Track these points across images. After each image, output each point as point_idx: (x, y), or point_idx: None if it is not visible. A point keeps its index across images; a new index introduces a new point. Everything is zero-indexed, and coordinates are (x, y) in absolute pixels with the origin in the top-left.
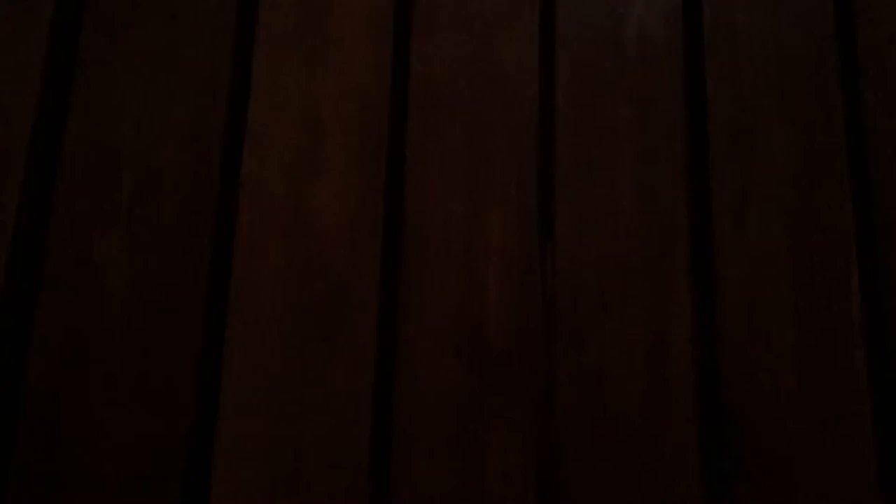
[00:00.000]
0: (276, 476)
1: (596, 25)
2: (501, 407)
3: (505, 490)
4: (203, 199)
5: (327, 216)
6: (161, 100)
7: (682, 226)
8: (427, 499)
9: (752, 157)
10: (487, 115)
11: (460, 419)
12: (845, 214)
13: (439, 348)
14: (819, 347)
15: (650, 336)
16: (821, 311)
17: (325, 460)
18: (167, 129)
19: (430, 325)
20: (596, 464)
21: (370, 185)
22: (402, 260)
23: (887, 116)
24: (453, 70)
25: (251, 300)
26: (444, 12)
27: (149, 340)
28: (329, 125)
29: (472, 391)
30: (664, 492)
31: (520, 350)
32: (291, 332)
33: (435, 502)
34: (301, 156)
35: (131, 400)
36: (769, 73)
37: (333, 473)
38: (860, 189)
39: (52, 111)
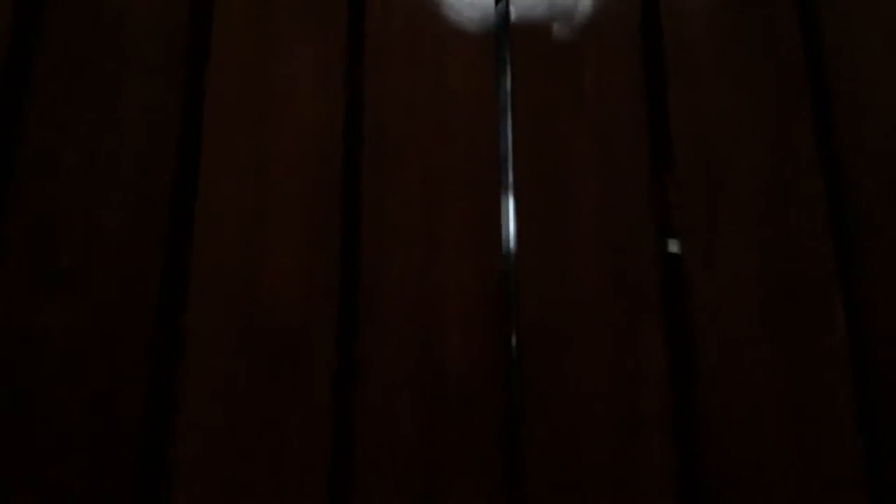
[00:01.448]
0: None
1: (552, 62)
2: (463, 450)
3: None
4: (150, 259)
5: (280, 274)
6: (106, 159)
7: (650, 262)
8: None
9: (719, 185)
10: (442, 157)
11: (423, 466)
12: (823, 238)
13: (400, 399)
14: (800, 381)
15: (620, 375)
16: (801, 340)
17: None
18: (113, 188)
19: (390, 376)
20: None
21: (324, 237)
22: (359, 310)
23: (856, 136)
24: (407, 113)
25: (203, 361)
26: (395, 55)
27: (92, 407)
28: (281, 179)
29: (434, 437)
30: None
31: (483, 396)
32: (246, 390)
33: None
34: (253, 212)
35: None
36: (734, 95)
37: None
38: (836, 213)
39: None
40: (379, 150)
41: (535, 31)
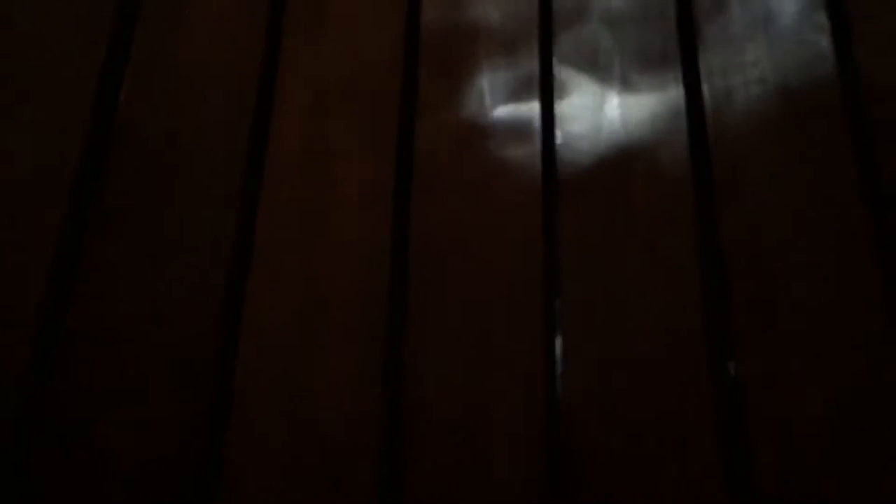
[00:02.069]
0: None
1: (600, 186)
2: None
3: None
4: (201, 379)
5: (327, 397)
6: (162, 280)
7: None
8: None
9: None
10: (491, 279)
11: None
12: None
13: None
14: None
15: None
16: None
17: None
18: (168, 307)
19: (434, 486)
20: None
21: (370, 359)
22: (404, 423)
23: None
24: (452, 238)
25: (248, 484)
26: (443, 178)
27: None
28: (327, 300)
29: None
30: None
31: None
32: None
33: None
34: (299, 334)
35: None
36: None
37: None
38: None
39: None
40: (425, 275)
41: (582, 156)
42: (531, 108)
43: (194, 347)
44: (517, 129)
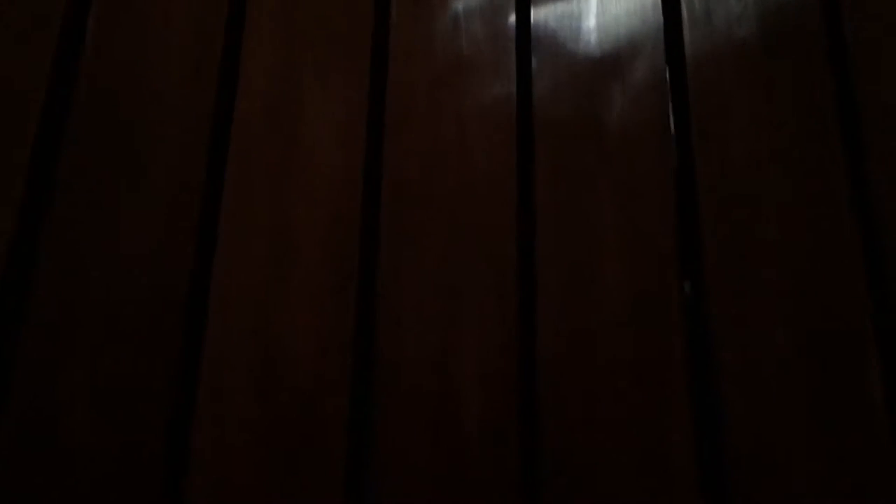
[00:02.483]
0: None
1: (574, 116)
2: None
3: None
4: (172, 321)
5: (297, 333)
6: (130, 225)
7: (676, 318)
8: None
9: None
10: (463, 217)
11: None
12: (859, 305)
13: (415, 466)
14: (836, 443)
15: (648, 447)
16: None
17: None
18: (139, 250)
19: (406, 432)
20: None
21: (341, 293)
22: (376, 364)
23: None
24: (425, 171)
25: (218, 420)
26: (415, 113)
27: (112, 466)
28: (299, 239)
29: (455, 483)
30: None
31: (501, 440)
32: (259, 452)
33: None
34: (270, 272)
35: None
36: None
37: None
38: (876, 264)
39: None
40: (397, 208)
41: (557, 88)
42: (507, 38)
43: (165, 295)
44: (492, 61)
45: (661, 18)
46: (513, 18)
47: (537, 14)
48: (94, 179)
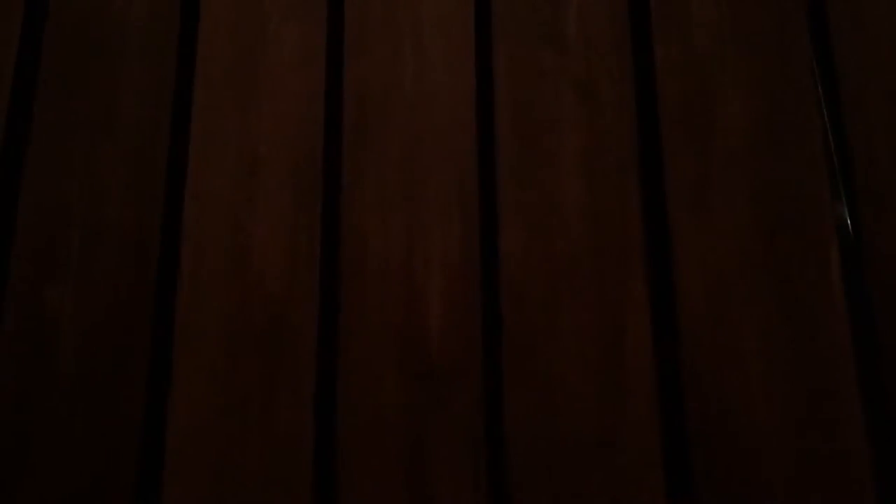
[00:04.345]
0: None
1: (534, 16)
2: (447, 421)
3: None
4: (147, 244)
5: (266, 250)
6: (106, 153)
7: (635, 216)
8: None
9: (709, 130)
10: (423, 126)
11: (405, 436)
12: (819, 185)
13: (382, 367)
14: (794, 335)
15: (605, 338)
16: (796, 292)
17: (269, 484)
18: (113, 181)
19: (372, 345)
20: (549, 475)
21: (308, 213)
22: (342, 283)
23: (860, 71)
24: (386, 90)
25: (194, 337)
26: (375, 33)
27: (97, 380)
28: (265, 159)
29: (417, 407)
30: (624, 501)
31: (464, 363)
32: (234, 365)
33: None
34: (239, 193)
35: (77, 433)
36: (723, 37)
37: (278, 497)
38: (836, 153)
39: (7, 173)
40: (359, 126)
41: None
42: None
43: (141, 220)
44: None
45: None
46: None
47: None
48: (68, 112)
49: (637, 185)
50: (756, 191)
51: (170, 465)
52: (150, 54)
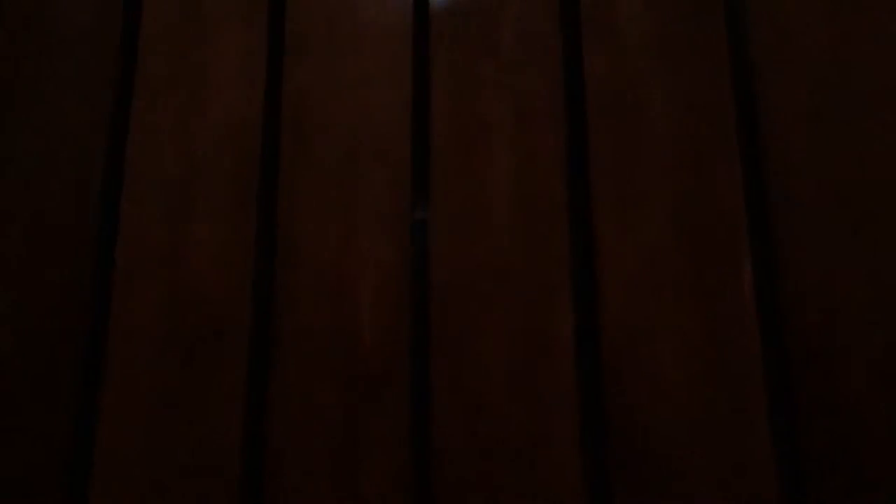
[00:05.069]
0: (150, 498)
1: (470, 35)
2: (377, 424)
3: None
4: (84, 244)
5: (202, 250)
6: (45, 153)
7: (562, 223)
8: None
9: (635, 141)
10: (361, 131)
11: (335, 438)
12: (736, 197)
13: (314, 368)
14: (709, 341)
15: (529, 340)
16: (711, 301)
17: (198, 482)
18: (52, 181)
19: (305, 347)
20: (476, 474)
21: (244, 216)
22: (276, 285)
23: (781, 90)
24: (324, 96)
25: (128, 337)
26: (314, 40)
27: (30, 375)
28: (203, 162)
29: (347, 410)
30: (547, 500)
31: (394, 365)
32: (167, 364)
33: None
34: (176, 195)
35: (10, 427)
36: (651, 52)
37: (206, 494)
38: (752, 170)
39: None
40: (297, 132)
41: (454, 8)
42: None
43: (78, 216)
44: None
45: None
46: None
47: None
48: (8, 112)
49: (565, 193)
50: (676, 201)
51: (99, 460)
52: (93, 57)
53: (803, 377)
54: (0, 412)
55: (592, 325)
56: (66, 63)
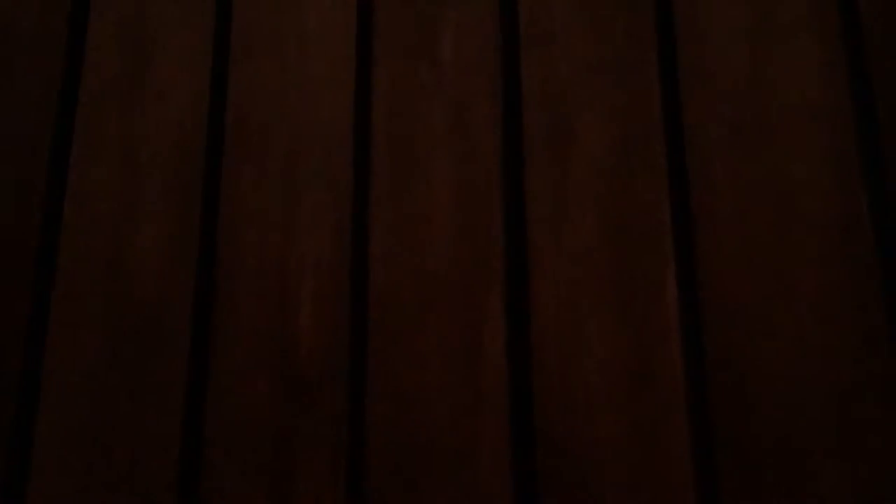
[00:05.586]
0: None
1: (413, 35)
2: (312, 428)
3: None
4: (26, 243)
5: (144, 252)
6: None
7: (498, 233)
8: None
9: (568, 152)
10: (303, 135)
11: (271, 441)
12: (661, 210)
13: (252, 370)
14: (634, 347)
15: (462, 348)
16: (637, 310)
17: (135, 484)
18: None
19: (243, 349)
20: (405, 480)
21: (187, 219)
22: (216, 288)
23: (704, 106)
24: (269, 94)
25: (68, 337)
26: (259, 46)
27: None
28: (147, 163)
29: (283, 413)
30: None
31: (331, 368)
32: (106, 365)
33: None
34: (120, 196)
35: None
36: (585, 67)
37: (142, 496)
38: (677, 182)
39: None
40: (240, 136)
41: (398, 15)
42: None
43: (20, 216)
44: None
45: None
46: None
47: None
48: None
49: (500, 204)
50: (606, 213)
51: (37, 462)
52: (39, 56)
53: (721, 390)
54: None
55: (525, 332)
56: (9, 66)
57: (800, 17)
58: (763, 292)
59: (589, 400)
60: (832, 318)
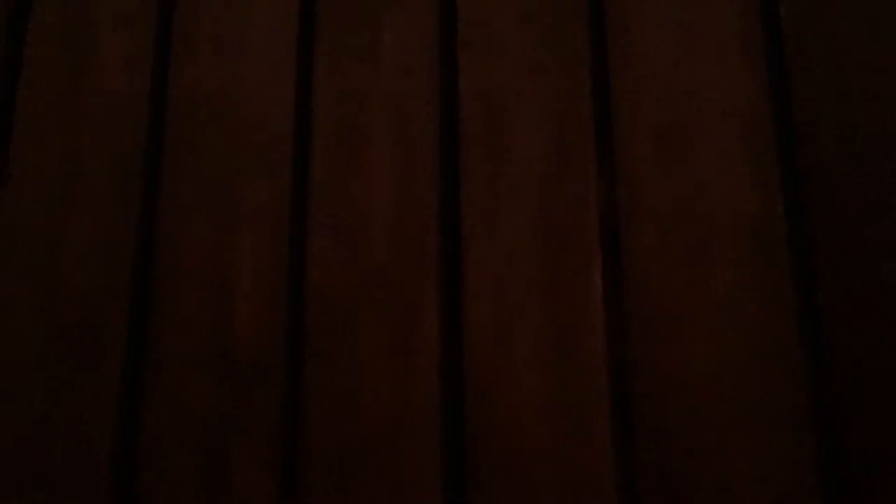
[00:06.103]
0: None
1: (353, 36)
2: (249, 423)
3: None
4: None
5: (82, 249)
6: None
7: (433, 230)
8: None
9: (504, 152)
10: (243, 133)
11: (207, 435)
12: (589, 209)
13: (188, 365)
14: (561, 350)
15: (398, 345)
16: (564, 305)
17: (69, 481)
18: None
19: (180, 344)
20: (339, 474)
21: (125, 213)
22: (154, 281)
23: (636, 108)
24: (211, 92)
25: (4, 332)
26: (202, 43)
27: None
28: (87, 160)
29: (220, 408)
30: (404, 501)
31: (268, 364)
32: (41, 362)
33: None
34: (59, 193)
35: None
36: (522, 66)
37: (77, 492)
38: (607, 184)
39: None
40: (180, 131)
41: (340, 12)
42: None
43: None
44: None
45: None
46: None
47: None
48: None
49: (437, 202)
50: (538, 212)
51: None
52: None
53: (643, 385)
54: None
55: (458, 326)
56: None
57: (724, 24)
58: (683, 290)
59: (516, 393)
60: (747, 317)
